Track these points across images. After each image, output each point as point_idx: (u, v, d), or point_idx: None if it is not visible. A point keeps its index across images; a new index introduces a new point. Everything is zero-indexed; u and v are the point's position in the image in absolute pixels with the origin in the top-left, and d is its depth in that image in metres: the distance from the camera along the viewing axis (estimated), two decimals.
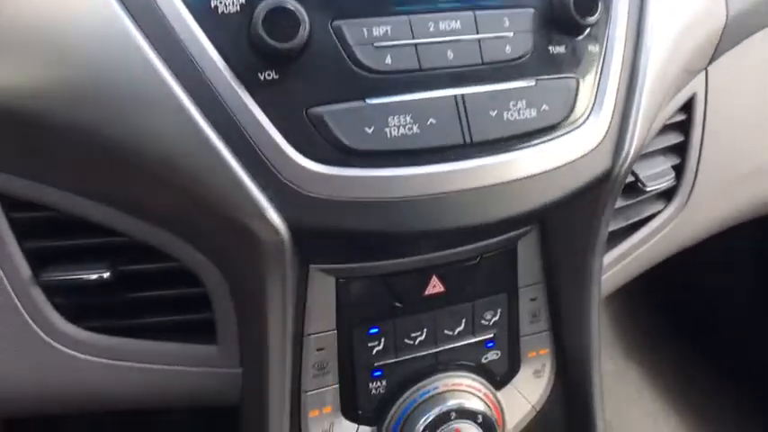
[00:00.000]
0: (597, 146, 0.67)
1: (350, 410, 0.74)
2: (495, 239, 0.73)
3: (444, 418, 0.74)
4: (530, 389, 0.81)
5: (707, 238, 1.00)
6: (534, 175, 0.64)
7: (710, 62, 0.85)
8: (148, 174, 0.59)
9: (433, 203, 0.61)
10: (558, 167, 0.65)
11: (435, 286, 0.72)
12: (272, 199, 0.58)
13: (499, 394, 0.79)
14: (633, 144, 0.68)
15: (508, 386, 0.80)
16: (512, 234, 0.74)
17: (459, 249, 0.71)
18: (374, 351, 0.73)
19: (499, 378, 0.79)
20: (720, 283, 1.56)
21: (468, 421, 0.74)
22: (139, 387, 0.71)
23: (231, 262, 0.65)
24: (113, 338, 0.69)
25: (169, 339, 0.70)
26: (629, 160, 0.68)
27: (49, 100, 0.57)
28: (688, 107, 0.85)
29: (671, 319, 1.62)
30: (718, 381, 1.52)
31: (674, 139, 0.86)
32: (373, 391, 0.74)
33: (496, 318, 0.77)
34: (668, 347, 1.60)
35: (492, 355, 0.78)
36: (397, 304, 0.72)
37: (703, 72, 0.85)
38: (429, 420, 0.73)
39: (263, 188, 0.58)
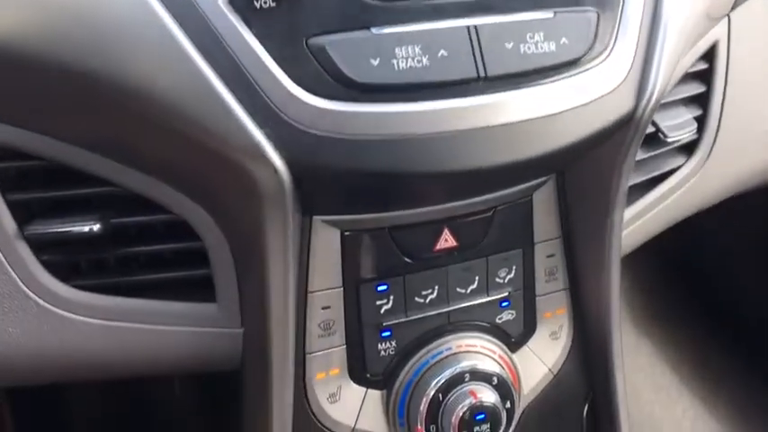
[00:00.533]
0: (619, 84, 0.61)
1: (358, 373, 0.68)
2: (509, 190, 0.67)
3: (457, 379, 0.68)
4: (546, 351, 0.75)
5: (723, 210, 0.94)
6: (553, 115, 0.58)
7: (733, 8, 0.78)
8: (139, 113, 0.54)
9: (443, 142, 0.55)
10: (579, 107, 0.59)
11: (447, 240, 0.67)
12: (270, 137, 0.53)
13: (514, 357, 0.73)
14: (657, 84, 0.62)
15: (523, 348, 0.74)
16: (527, 185, 0.68)
17: (472, 200, 0.66)
18: (382, 310, 0.67)
19: (514, 339, 0.73)
20: (734, 259, 1.51)
21: (482, 383, 0.68)
22: (138, 350, 0.65)
23: (228, 211, 0.59)
24: (108, 298, 0.63)
25: (167, 298, 0.64)
26: (652, 101, 0.62)
27: (37, 39, 0.53)
28: (710, 56, 0.79)
29: (683, 294, 1.57)
30: (732, 355, 1.47)
31: (695, 89, 0.80)
32: (382, 352, 0.68)
33: (511, 275, 0.71)
34: (681, 322, 1.55)
35: (507, 315, 0.72)
36: (407, 260, 0.66)
37: (726, 19, 0.79)
38: (441, 383, 0.68)
39: (261, 125, 0.53)
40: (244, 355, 0.67)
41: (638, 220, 0.79)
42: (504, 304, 0.72)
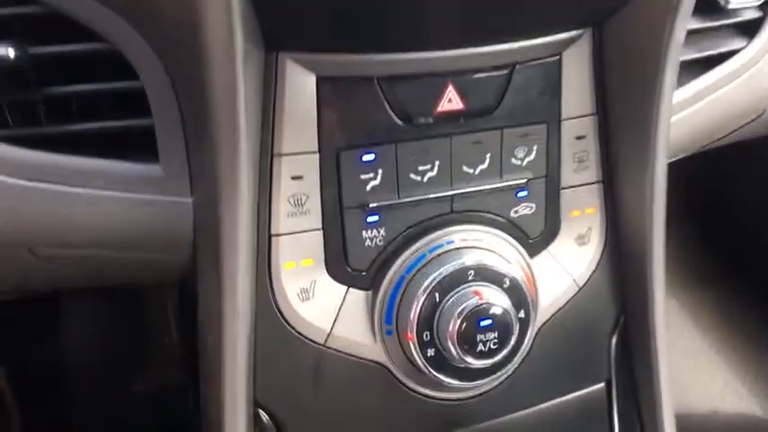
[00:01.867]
0: None
1: (336, 267, 0.53)
2: (532, 42, 0.51)
3: (460, 277, 0.52)
4: (571, 258, 0.59)
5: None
6: None
7: None
8: None
9: None
10: None
11: (451, 101, 0.51)
12: None
13: (532, 262, 0.57)
14: None
15: (544, 253, 0.58)
16: (555, 38, 0.52)
17: (485, 50, 0.49)
18: (368, 186, 0.51)
19: (532, 241, 0.57)
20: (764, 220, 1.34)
21: (490, 284, 0.52)
22: (72, 221, 0.50)
23: (166, 33, 0.44)
24: (36, 153, 0.48)
25: (104, 156, 0.49)
26: None
27: None
28: None
29: (713, 257, 1.41)
30: (762, 320, 1.31)
31: None
32: (368, 241, 0.52)
33: (531, 157, 0.54)
34: (710, 286, 1.39)
35: (524, 209, 0.56)
36: (400, 122, 0.50)
37: None
38: (439, 279, 0.51)
39: None
40: (195, 236, 0.51)
41: (689, 108, 0.61)
42: (522, 194, 0.55)
